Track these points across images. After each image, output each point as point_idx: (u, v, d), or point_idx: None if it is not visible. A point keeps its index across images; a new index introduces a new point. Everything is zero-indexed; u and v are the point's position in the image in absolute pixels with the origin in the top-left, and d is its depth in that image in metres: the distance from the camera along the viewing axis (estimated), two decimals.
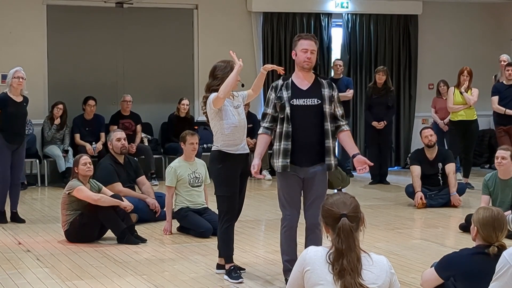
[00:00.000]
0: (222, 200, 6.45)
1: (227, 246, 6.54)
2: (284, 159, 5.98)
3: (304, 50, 5.99)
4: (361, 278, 3.45)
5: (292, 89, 6.02)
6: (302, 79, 6.06)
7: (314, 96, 6.00)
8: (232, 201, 6.44)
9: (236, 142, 6.39)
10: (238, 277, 6.43)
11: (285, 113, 5.96)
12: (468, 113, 11.77)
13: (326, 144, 5.99)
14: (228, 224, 6.48)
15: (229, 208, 6.44)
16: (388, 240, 8.12)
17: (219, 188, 6.44)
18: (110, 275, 6.62)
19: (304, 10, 13.84)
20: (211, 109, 6.37)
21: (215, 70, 6.50)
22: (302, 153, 5.98)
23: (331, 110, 6.02)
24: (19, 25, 12.49)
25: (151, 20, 13.31)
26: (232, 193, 6.41)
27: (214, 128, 6.46)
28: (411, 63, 14.60)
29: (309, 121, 5.98)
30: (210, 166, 6.64)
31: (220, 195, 6.45)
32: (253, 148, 7.27)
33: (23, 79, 8.95)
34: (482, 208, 4.63)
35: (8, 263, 7.09)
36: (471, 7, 15.04)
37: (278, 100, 6.02)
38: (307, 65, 6.01)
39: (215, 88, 6.37)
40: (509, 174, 8.23)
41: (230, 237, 6.53)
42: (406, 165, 14.03)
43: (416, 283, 5.96)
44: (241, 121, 6.46)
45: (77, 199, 7.87)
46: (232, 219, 6.51)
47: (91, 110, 12.38)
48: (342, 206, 3.56)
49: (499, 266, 4.07)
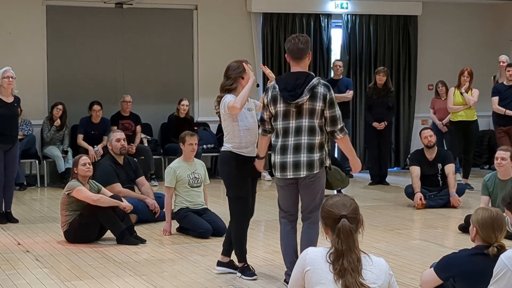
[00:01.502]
0: (235, 201, 6.46)
1: (241, 246, 6.57)
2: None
3: None
4: (361, 278, 3.46)
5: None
6: None
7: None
8: (245, 202, 6.45)
9: (248, 145, 6.38)
10: (252, 274, 6.50)
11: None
12: (468, 114, 11.77)
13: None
14: (242, 225, 6.50)
15: (242, 209, 6.46)
16: (388, 240, 8.12)
17: (231, 189, 6.45)
18: (109, 276, 6.62)
19: (304, 11, 13.84)
20: (225, 112, 6.38)
21: (228, 70, 6.51)
22: None
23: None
24: (19, 25, 12.49)
25: (151, 21, 13.31)
26: (245, 194, 6.42)
27: (226, 129, 6.47)
28: (410, 63, 14.61)
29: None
30: (220, 166, 6.63)
31: (232, 197, 6.46)
32: None
33: (13, 79, 8.91)
34: (481, 208, 4.63)
35: (7, 263, 7.09)
36: (471, 8, 15.04)
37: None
38: None
39: (228, 88, 6.41)
40: (509, 175, 8.24)
41: (244, 237, 6.56)
42: (405, 166, 14.04)
43: (415, 283, 5.96)
44: (254, 124, 6.49)
45: (77, 199, 7.87)
46: (246, 220, 6.53)
47: (97, 115, 12.33)
48: (341, 207, 3.58)
49: (497, 269, 4.06)
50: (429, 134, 10.28)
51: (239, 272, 6.59)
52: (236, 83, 6.38)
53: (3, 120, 8.89)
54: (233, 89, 6.37)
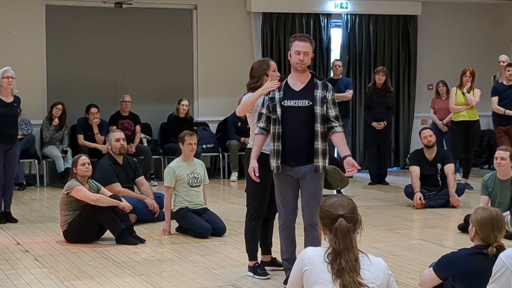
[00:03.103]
0: (252, 198, 6.48)
1: (252, 243, 6.57)
2: (277, 160, 6.01)
3: (297, 52, 5.98)
4: (359, 277, 3.46)
5: (284, 90, 6.02)
6: (297, 80, 6.05)
7: (306, 98, 5.98)
8: (261, 200, 6.44)
9: (268, 142, 6.34)
10: (264, 273, 6.50)
11: (276, 114, 5.99)
12: (470, 114, 11.77)
13: (315, 146, 5.97)
14: (255, 222, 6.50)
15: (257, 206, 6.46)
16: (387, 240, 8.12)
17: (249, 186, 6.46)
18: (108, 276, 6.61)
19: (304, 11, 13.84)
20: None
21: (251, 70, 6.61)
22: (292, 154, 6.00)
23: (323, 111, 5.97)
24: (18, 25, 12.48)
25: (151, 20, 13.31)
26: (262, 192, 6.40)
27: (250, 125, 6.52)
28: (410, 63, 14.60)
29: (299, 122, 5.97)
30: (244, 163, 6.64)
31: (250, 193, 6.49)
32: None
33: (12, 79, 8.91)
34: (480, 208, 4.62)
35: (6, 263, 7.09)
36: (471, 8, 15.03)
37: (270, 101, 6.03)
38: (299, 67, 6.00)
39: (252, 86, 6.47)
40: (508, 175, 8.23)
41: (256, 235, 6.56)
42: (405, 166, 14.04)
43: (414, 283, 5.96)
44: None
45: (76, 199, 7.86)
46: (259, 218, 6.51)
47: (94, 118, 12.30)
48: (339, 207, 3.58)
49: (496, 268, 4.05)
50: (428, 134, 10.28)
51: (250, 271, 6.56)
52: (261, 80, 6.43)
53: (3, 120, 8.88)
54: (257, 87, 6.38)
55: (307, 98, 5.97)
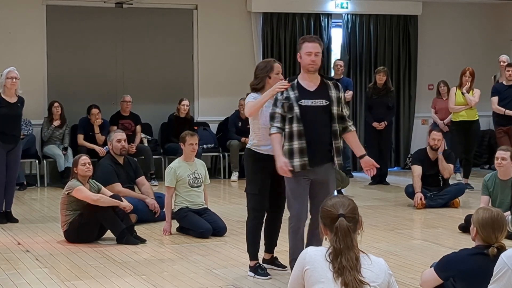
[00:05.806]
0: (250, 197, 6.50)
1: (252, 243, 6.57)
2: (302, 158, 5.96)
3: (308, 53, 6.02)
4: (360, 275, 3.48)
5: (299, 90, 6.04)
6: (309, 81, 6.09)
7: (322, 97, 6.03)
8: (259, 199, 6.43)
9: (268, 143, 6.31)
10: (265, 273, 6.48)
11: (293, 113, 5.98)
12: (470, 114, 11.76)
13: (336, 145, 6.03)
14: (255, 221, 6.51)
15: (256, 206, 6.46)
16: (388, 240, 8.12)
17: (248, 185, 6.50)
18: (109, 276, 6.61)
19: (304, 11, 13.85)
20: None
21: (256, 70, 6.60)
22: (312, 154, 5.98)
23: (339, 111, 6.06)
24: (19, 25, 12.49)
25: (151, 20, 13.31)
26: (260, 191, 6.40)
27: (251, 125, 6.53)
28: (410, 63, 14.60)
29: (318, 121, 6.00)
30: (244, 163, 6.69)
31: (248, 193, 6.51)
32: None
33: (16, 79, 8.91)
34: (481, 208, 4.62)
35: (7, 263, 7.09)
36: (471, 8, 15.04)
37: (286, 100, 6.03)
38: (312, 68, 6.04)
39: (255, 87, 6.46)
40: (509, 175, 8.23)
41: (256, 234, 6.55)
42: (406, 166, 14.04)
43: (415, 283, 5.95)
44: None
45: (77, 199, 7.86)
46: (259, 217, 6.51)
47: (96, 118, 12.30)
48: (340, 207, 3.60)
49: (497, 268, 4.06)
50: (437, 138, 10.16)
51: (251, 271, 6.56)
52: (263, 82, 6.41)
53: (6, 120, 8.89)
54: (259, 89, 6.39)
55: (323, 98, 6.03)
